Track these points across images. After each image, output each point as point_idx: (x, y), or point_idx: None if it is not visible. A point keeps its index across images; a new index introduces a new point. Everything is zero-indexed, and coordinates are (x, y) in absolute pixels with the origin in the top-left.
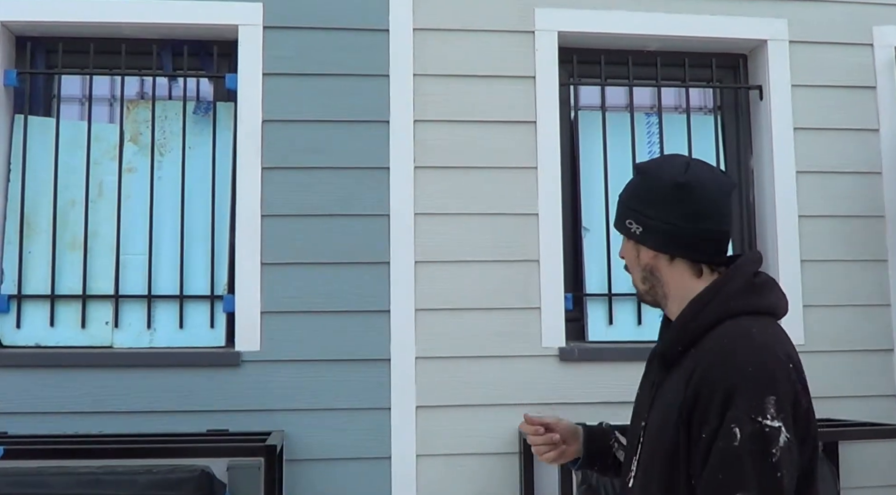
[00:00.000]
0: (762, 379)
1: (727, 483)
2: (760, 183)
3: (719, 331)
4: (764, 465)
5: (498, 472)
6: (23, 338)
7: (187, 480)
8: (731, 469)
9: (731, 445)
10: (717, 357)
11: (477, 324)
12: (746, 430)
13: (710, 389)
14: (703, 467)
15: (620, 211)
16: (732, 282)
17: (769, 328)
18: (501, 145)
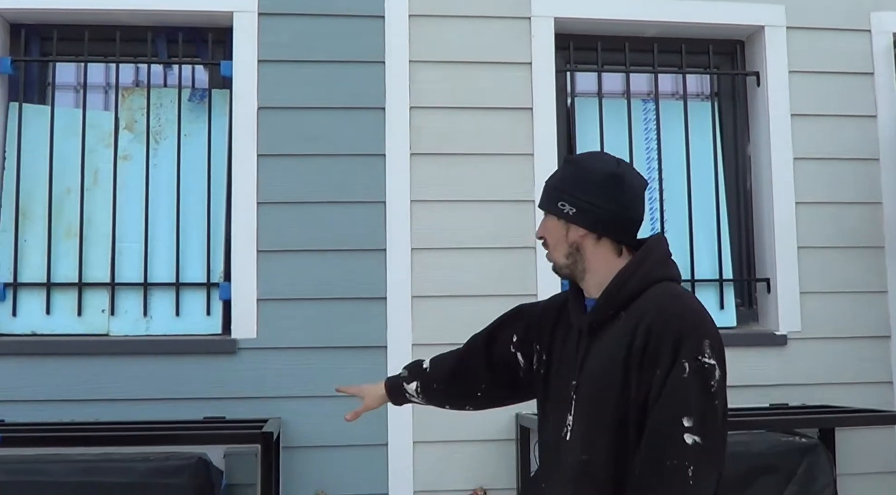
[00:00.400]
0: (700, 326)
1: (676, 408)
2: (758, 169)
3: (652, 293)
4: (704, 395)
5: (494, 459)
6: (19, 326)
7: (184, 467)
8: (679, 398)
9: (681, 378)
10: (661, 311)
11: (474, 311)
12: (692, 367)
13: (660, 336)
14: (658, 397)
15: (551, 194)
16: (653, 256)
17: (686, 290)
18: (498, 132)
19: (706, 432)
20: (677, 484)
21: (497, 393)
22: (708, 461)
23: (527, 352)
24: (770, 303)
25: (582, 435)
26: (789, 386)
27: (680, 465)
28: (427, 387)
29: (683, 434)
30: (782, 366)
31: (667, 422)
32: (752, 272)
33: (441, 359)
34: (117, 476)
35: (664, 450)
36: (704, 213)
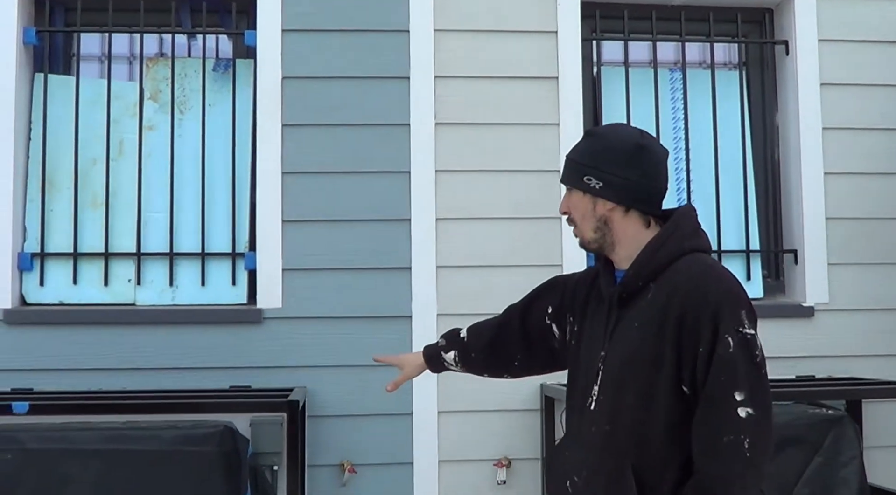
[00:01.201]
0: (735, 296)
1: (726, 383)
2: (786, 139)
3: (683, 264)
4: (751, 367)
5: (519, 428)
6: (46, 296)
7: (211, 435)
8: (728, 372)
9: (727, 352)
10: (695, 282)
11: (498, 281)
12: (735, 340)
13: (697, 310)
14: (706, 373)
15: (575, 168)
16: (683, 227)
17: (717, 262)
18: (523, 101)
19: (757, 403)
20: (736, 458)
21: (533, 364)
22: (762, 431)
23: (561, 323)
24: (797, 274)
25: (607, 406)
26: (816, 358)
27: (736, 440)
28: (465, 356)
29: (737, 408)
30: (809, 337)
31: (720, 398)
32: (779, 243)
33: (478, 328)
34: (144, 444)
35: (720, 427)
36: (731, 184)
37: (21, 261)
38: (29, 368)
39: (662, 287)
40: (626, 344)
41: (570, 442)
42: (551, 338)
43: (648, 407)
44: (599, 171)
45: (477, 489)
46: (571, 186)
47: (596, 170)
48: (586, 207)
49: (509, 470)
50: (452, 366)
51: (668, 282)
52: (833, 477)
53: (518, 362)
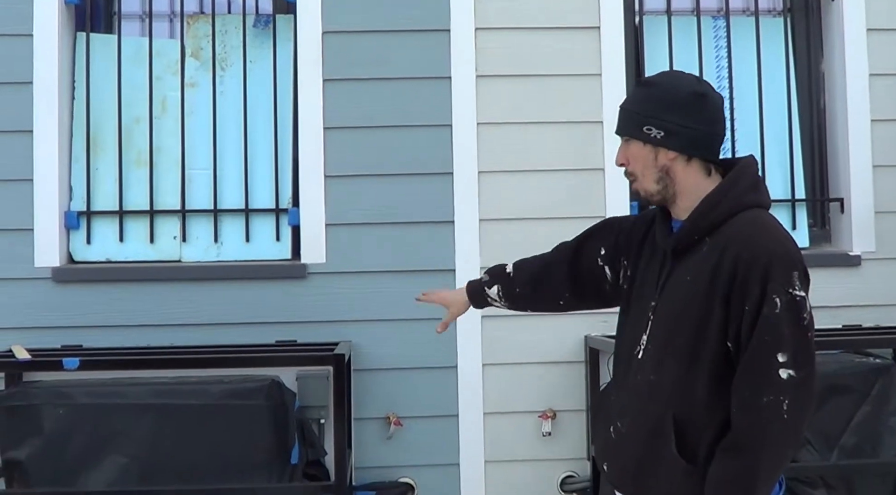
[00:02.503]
0: (788, 257)
1: (771, 344)
2: (831, 87)
3: (740, 220)
4: (797, 329)
5: (564, 380)
6: (94, 254)
7: (258, 389)
8: (773, 333)
9: (773, 312)
10: (749, 240)
11: (542, 233)
12: (783, 300)
13: (748, 268)
14: (751, 332)
15: (633, 119)
16: (743, 180)
17: (774, 219)
18: (565, 52)
19: (800, 365)
20: (774, 419)
21: (580, 302)
22: (803, 393)
23: (615, 265)
24: (843, 223)
25: (653, 356)
26: (862, 308)
27: (776, 400)
28: (509, 291)
29: (778, 369)
30: (855, 286)
31: (761, 358)
32: (825, 192)
33: (524, 264)
34: (193, 398)
35: (760, 386)
36: (776, 133)
37: (68, 219)
38: (77, 325)
39: (717, 242)
40: (676, 297)
41: (615, 389)
42: (603, 280)
43: (694, 361)
44: (660, 120)
45: (522, 441)
46: (630, 137)
47: (656, 120)
48: (647, 158)
49: (554, 421)
50: (496, 302)
51: (722, 238)
52: (880, 426)
53: (564, 301)
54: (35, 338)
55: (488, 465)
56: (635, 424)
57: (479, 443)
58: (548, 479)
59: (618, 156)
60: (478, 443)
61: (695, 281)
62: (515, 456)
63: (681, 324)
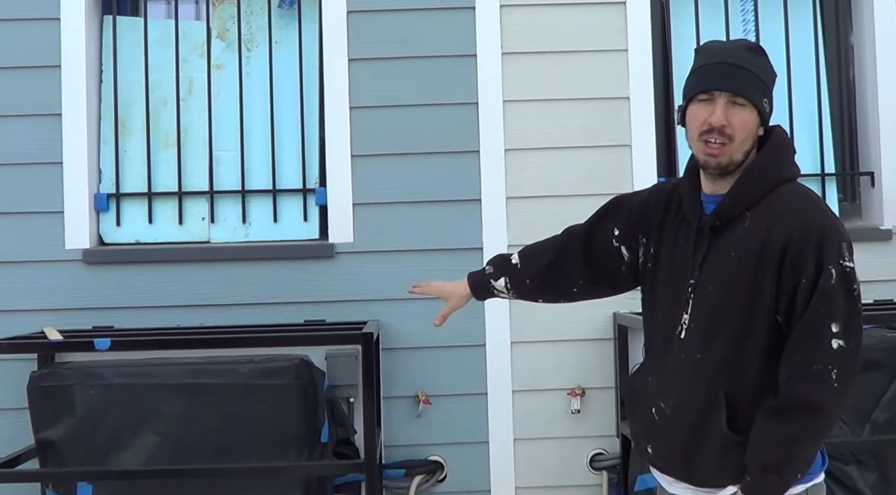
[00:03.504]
0: (837, 228)
1: (826, 314)
2: (861, 59)
3: (784, 194)
4: (849, 300)
5: (592, 358)
6: (123, 236)
7: (288, 368)
8: (828, 303)
9: (829, 283)
10: (797, 215)
11: (568, 210)
12: (837, 271)
13: (802, 242)
14: (807, 303)
15: (757, 84)
16: (781, 153)
17: (813, 191)
18: (590, 28)
19: (850, 336)
20: (823, 387)
21: (592, 289)
22: (851, 363)
23: (631, 244)
24: (874, 197)
25: (699, 335)
26: (894, 282)
27: (825, 369)
28: (518, 283)
29: (831, 339)
30: (887, 261)
31: (816, 328)
32: (855, 166)
33: (531, 252)
34: (223, 377)
35: (812, 355)
36: (805, 106)
37: (97, 201)
38: (108, 306)
39: (762, 216)
40: (722, 272)
41: (653, 369)
42: (619, 261)
43: (745, 336)
44: (769, 92)
45: (551, 418)
46: (750, 102)
47: (770, 93)
48: (753, 129)
49: (583, 399)
50: (504, 294)
51: (768, 212)
52: None
53: (578, 288)
54: (66, 320)
55: (517, 443)
56: (682, 404)
57: (508, 421)
58: (577, 457)
59: (718, 115)
60: (507, 421)
61: (741, 257)
62: (544, 433)
63: (729, 301)
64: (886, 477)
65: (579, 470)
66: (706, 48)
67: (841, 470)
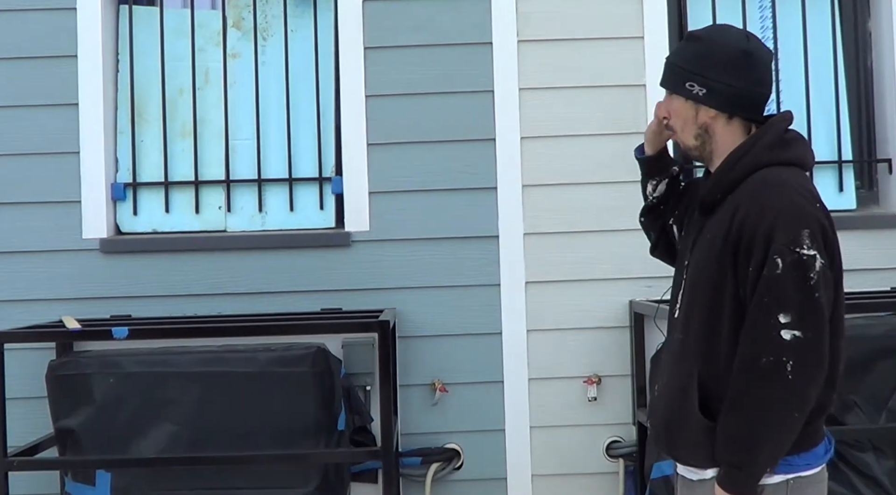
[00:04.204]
0: (796, 215)
1: (770, 304)
2: (879, 45)
3: (755, 178)
4: (804, 288)
5: (608, 346)
6: (140, 225)
7: (305, 356)
8: (774, 293)
9: (774, 273)
10: (756, 199)
11: (584, 198)
12: (787, 260)
13: (753, 228)
14: (753, 292)
15: (677, 73)
16: (765, 137)
17: (797, 175)
18: (607, 15)
19: (807, 326)
20: (776, 380)
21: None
22: (810, 355)
23: (678, 225)
24: (892, 184)
25: (683, 315)
26: None
27: (777, 361)
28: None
29: (780, 330)
30: None
31: (762, 319)
32: (872, 153)
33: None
34: (241, 365)
35: (760, 347)
36: (822, 92)
37: (114, 191)
38: (126, 295)
39: (731, 203)
40: (700, 255)
41: (663, 348)
42: (673, 238)
43: (713, 319)
44: (703, 78)
45: (567, 406)
46: (672, 91)
47: (700, 77)
48: (687, 114)
49: (599, 386)
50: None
51: (735, 198)
52: None
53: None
54: (84, 309)
55: (534, 431)
56: (667, 384)
57: (525, 409)
58: (593, 444)
59: (659, 108)
60: (523, 409)
61: (712, 240)
62: (561, 421)
63: (702, 284)
64: None
65: (595, 458)
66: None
67: (858, 458)
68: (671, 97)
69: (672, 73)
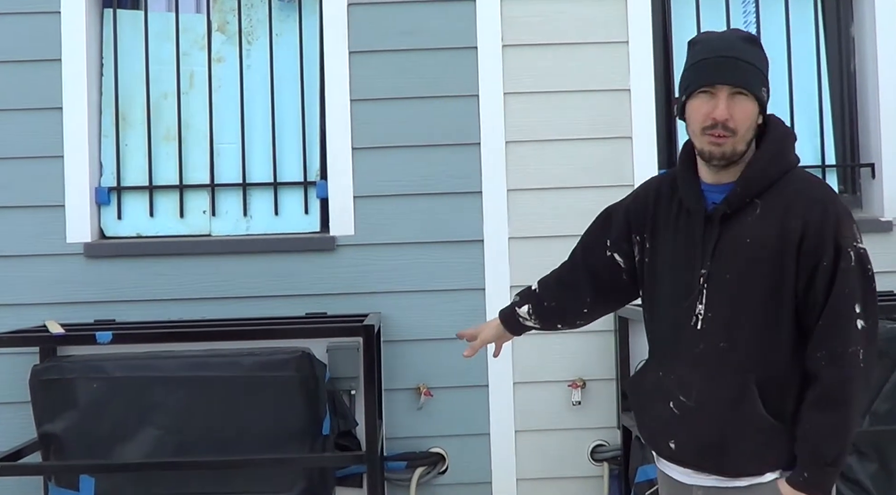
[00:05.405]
0: (849, 212)
1: (849, 297)
2: (862, 50)
3: (795, 178)
4: (867, 280)
5: (593, 350)
6: (124, 229)
7: (289, 361)
8: (851, 286)
9: (849, 266)
10: (815, 198)
11: (569, 202)
12: (855, 252)
13: (819, 225)
14: (830, 286)
15: (756, 75)
16: (786, 142)
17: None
18: (591, 20)
19: (869, 315)
20: (855, 368)
21: (604, 303)
22: (873, 342)
23: (623, 249)
24: (875, 188)
25: (720, 323)
26: (895, 274)
27: (856, 350)
28: (538, 307)
29: (856, 320)
30: (887, 252)
31: (844, 311)
32: (855, 157)
33: (548, 278)
34: (225, 370)
35: (845, 338)
36: (806, 96)
37: (98, 195)
38: (110, 300)
39: (774, 202)
40: (740, 259)
41: (663, 364)
42: (616, 270)
43: (771, 321)
44: (766, 81)
45: (552, 410)
46: (752, 93)
47: (766, 79)
48: (753, 118)
49: (584, 390)
50: (528, 321)
51: (780, 198)
52: None
53: (588, 306)
54: (68, 313)
55: (518, 435)
56: (709, 395)
57: (510, 413)
58: (578, 448)
59: (723, 109)
60: (508, 413)
61: (757, 243)
62: (545, 425)
63: (752, 287)
64: (887, 467)
65: (580, 462)
66: (703, 41)
67: None
68: (742, 99)
69: (752, 75)
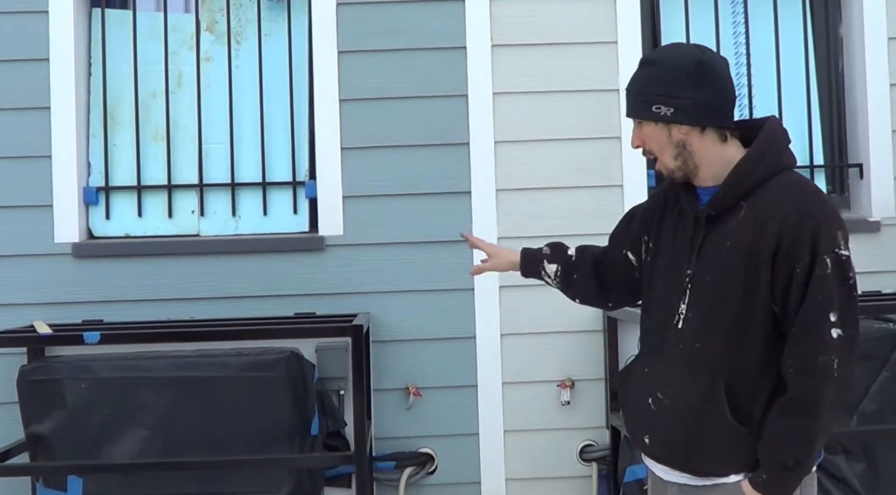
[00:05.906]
0: (832, 217)
1: (823, 305)
2: (850, 50)
3: (777, 183)
4: (844, 288)
5: (582, 350)
6: (113, 229)
7: (278, 361)
8: (826, 292)
9: (825, 273)
10: (794, 203)
11: (558, 202)
12: (832, 259)
13: (796, 231)
14: (804, 293)
15: (640, 99)
16: (775, 144)
17: (807, 180)
18: (580, 20)
19: (847, 324)
20: (827, 378)
21: (627, 295)
22: (850, 352)
23: (637, 249)
24: (863, 188)
25: (697, 324)
26: (883, 274)
27: (828, 360)
28: (567, 275)
29: (830, 329)
30: (875, 252)
31: (816, 319)
32: (843, 157)
33: (587, 250)
34: (214, 370)
35: (816, 346)
36: (794, 97)
37: (86, 195)
38: (98, 300)
39: (757, 206)
40: (718, 262)
41: (649, 360)
42: (630, 269)
43: (743, 326)
44: (667, 97)
45: (541, 410)
46: (641, 118)
47: (663, 97)
48: (661, 136)
49: (573, 391)
50: (548, 279)
51: (762, 201)
52: None
53: (613, 295)
54: (56, 314)
55: (507, 435)
56: (682, 394)
57: (498, 413)
58: (567, 448)
59: (633, 138)
60: (497, 413)
61: (736, 245)
62: (534, 425)
63: (726, 290)
64: (874, 467)
65: (569, 462)
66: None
67: (829, 461)
68: (641, 124)
69: (636, 102)
